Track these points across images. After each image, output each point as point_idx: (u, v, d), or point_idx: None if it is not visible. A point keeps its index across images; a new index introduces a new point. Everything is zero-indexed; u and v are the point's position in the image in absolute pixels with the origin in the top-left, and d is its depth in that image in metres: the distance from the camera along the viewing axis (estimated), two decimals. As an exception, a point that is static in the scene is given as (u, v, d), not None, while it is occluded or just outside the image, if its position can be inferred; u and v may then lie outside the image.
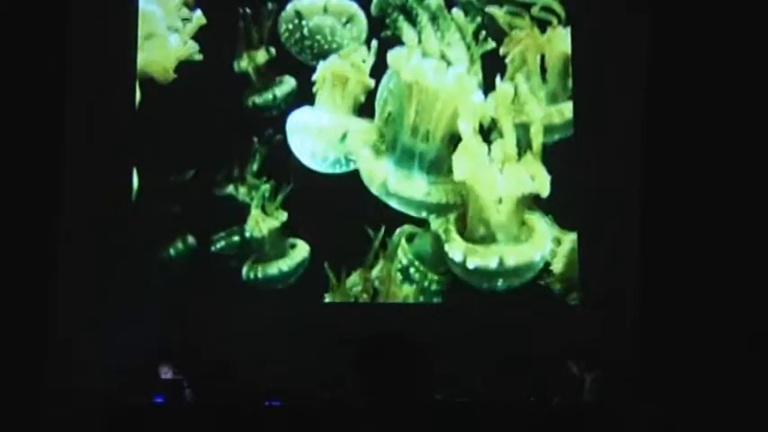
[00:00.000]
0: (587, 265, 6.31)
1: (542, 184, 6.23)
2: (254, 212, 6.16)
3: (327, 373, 4.96)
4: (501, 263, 6.11)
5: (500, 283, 6.12)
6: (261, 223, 6.16)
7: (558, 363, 5.54)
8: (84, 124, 5.79)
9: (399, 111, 6.22)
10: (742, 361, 5.55)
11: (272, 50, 6.30)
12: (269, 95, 6.27)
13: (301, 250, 6.17)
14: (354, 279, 6.13)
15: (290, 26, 6.35)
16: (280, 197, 6.16)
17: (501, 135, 6.23)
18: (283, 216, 6.13)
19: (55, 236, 5.34)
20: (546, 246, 6.15)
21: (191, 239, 6.17)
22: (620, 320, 6.01)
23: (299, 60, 6.33)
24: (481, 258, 6.10)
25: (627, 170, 6.11)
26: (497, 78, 6.24)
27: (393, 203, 6.19)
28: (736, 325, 5.59)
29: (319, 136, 6.22)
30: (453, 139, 6.22)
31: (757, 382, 5.41)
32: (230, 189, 6.19)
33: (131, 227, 6.05)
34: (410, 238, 6.20)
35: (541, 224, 6.18)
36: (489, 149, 6.20)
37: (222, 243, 6.18)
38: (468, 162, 6.14)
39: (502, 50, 6.32)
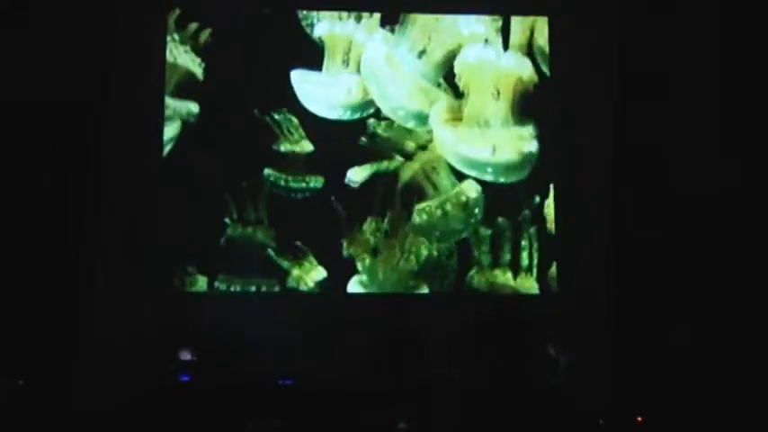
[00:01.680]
0: (564, 257, 6.71)
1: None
2: (294, 272, 6.48)
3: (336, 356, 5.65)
4: (494, 150, 6.66)
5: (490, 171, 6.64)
6: (305, 277, 6.51)
7: (537, 345, 5.58)
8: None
9: (404, 25, 6.78)
10: (711, 347, 5.92)
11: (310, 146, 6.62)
12: (302, 184, 6.57)
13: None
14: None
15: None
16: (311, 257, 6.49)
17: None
18: (323, 272, 6.47)
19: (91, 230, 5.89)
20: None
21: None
22: (594, 307, 6.32)
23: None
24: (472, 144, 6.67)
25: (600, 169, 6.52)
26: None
27: (382, 80, 6.67)
28: (704, 314, 6.01)
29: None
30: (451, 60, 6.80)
31: (725, 363, 5.79)
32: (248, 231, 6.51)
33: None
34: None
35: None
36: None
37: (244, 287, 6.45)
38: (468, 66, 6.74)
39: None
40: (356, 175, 6.60)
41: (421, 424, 4.69)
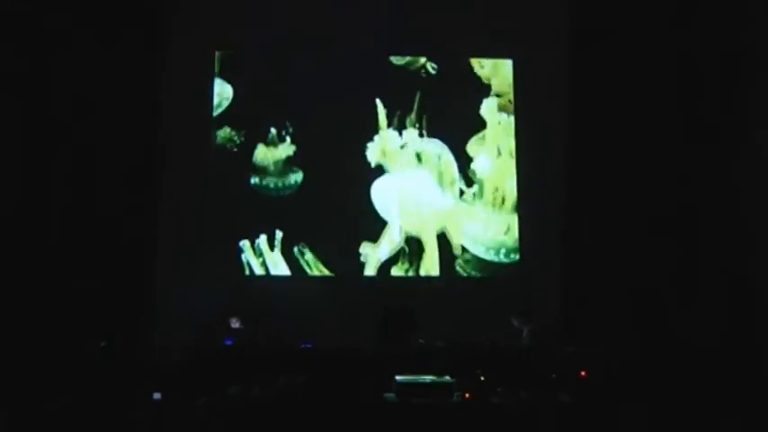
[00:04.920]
0: (526, 251, 7.76)
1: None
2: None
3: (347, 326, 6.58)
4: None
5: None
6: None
7: (504, 318, 6.61)
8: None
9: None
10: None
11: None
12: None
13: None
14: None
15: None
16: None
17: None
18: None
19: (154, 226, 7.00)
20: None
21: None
22: (549, 288, 7.33)
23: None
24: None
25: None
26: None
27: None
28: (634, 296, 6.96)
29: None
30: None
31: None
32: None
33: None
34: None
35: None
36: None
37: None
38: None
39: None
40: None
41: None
